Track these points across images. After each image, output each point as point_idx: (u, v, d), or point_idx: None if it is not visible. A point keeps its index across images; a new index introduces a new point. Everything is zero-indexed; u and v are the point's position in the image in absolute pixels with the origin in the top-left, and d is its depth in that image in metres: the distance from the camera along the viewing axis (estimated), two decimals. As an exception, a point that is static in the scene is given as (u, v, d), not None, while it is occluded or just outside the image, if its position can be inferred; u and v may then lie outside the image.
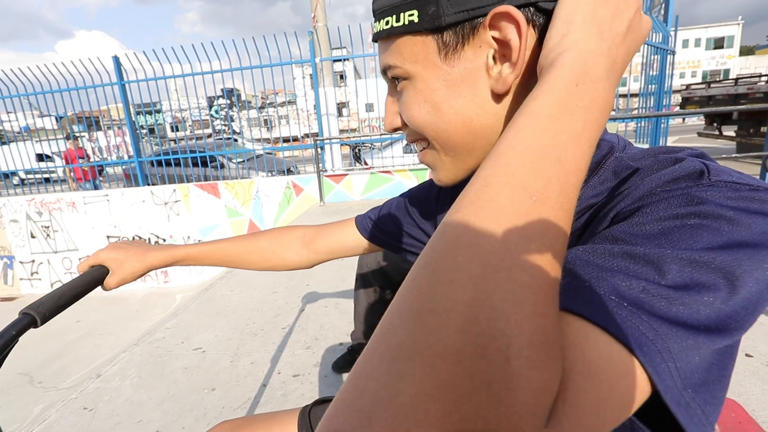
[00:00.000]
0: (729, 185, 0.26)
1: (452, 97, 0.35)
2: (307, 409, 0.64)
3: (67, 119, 6.82)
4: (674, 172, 0.28)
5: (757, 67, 30.48)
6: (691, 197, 0.26)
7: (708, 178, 0.27)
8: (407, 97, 0.38)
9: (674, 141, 11.66)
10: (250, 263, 0.68)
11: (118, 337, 4.17)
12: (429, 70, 0.36)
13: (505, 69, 0.34)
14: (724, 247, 0.24)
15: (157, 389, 1.70)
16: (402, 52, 0.36)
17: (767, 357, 1.29)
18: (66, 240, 5.89)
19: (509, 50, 0.32)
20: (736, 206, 0.25)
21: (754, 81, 7.17)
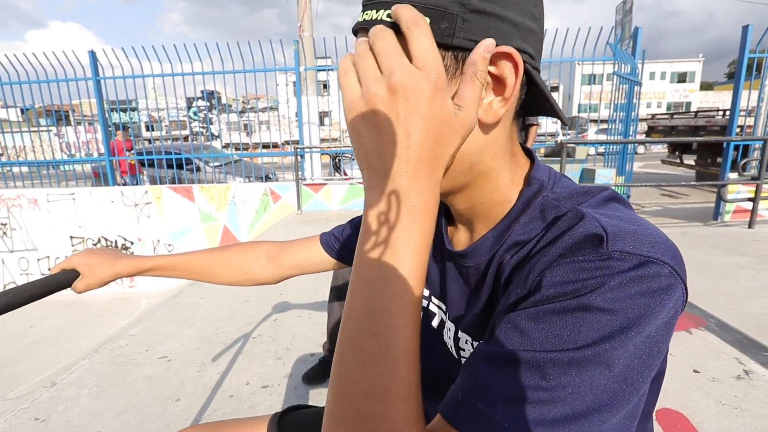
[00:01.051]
0: (623, 257, 0.29)
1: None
2: (277, 416, 0.64)
3: (34, 111, 6.52)
4: (574, 239, 0.31)
5: (715, 102, 32.70)
6: (583, 286, 0.28)
7: (606, 247, 0.29)
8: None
9: (640, 166, 12.28)
10: (216, 276, 0.69)
11: (76, 344, 3.95)
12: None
13: (496, 102, 0.35)
14: (603, 339, 0.27)
15: (117, 399, 1.63)
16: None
17: (712, 373, 1.38)
18: (24, 239, 5.57)
19: (502, 86, 0.34)
20: (620, 296, 0.28)
21: (712, 115, 7.69)
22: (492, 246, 0.40)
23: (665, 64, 37.69)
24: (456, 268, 0.46)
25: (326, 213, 5.08)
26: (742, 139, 4.35)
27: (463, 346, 0.46)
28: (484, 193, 0.40)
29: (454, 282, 0.46)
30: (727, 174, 4.64)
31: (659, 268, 0.28)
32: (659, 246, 0.30)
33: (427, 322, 0.51)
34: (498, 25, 0.33)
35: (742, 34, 4.39)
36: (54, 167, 6.30)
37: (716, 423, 1.14)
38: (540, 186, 0.40)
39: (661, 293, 0.28)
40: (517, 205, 0.40)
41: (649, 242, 0.30)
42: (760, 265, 2.89)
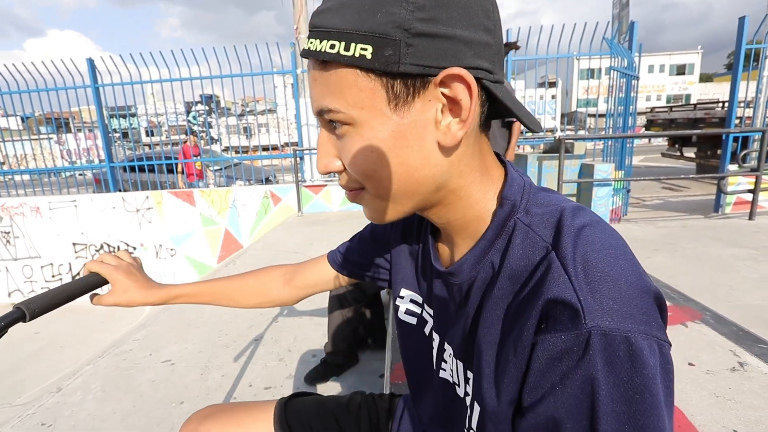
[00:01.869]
0: (603, 337, 0.28)
1: (399, 147, 0.35)
2: (283, 401, 0.68)
3: (35, 120, 6.55)
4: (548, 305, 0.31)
5: (715, 93, 32.58)
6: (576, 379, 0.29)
7: (585, 323, 0.29)
8: (351, 143, 0.36)
9: (640, 160, 12.26)
10: (238, 301, 0.71)
11: (81, 349, 3.99)
12: (377, 119, 0.34)
13: (454, 124, 0.35)
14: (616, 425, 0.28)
15: (122, 403, 1.66)
16: (345, 96, 0.34)
17: (707, 365, 1.39)
18: (28, 247, 5.61)
19: (458, 107, 0.34)
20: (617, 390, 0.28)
21: (712, 107, 7.67)
22: (472, 268, 0.41)
23: (664, 56, 37.54)
24: (443, 283, 0.47)
25: (326, 214, 5.10)
26: (740, 131, 4.34)
27: (446, 358, 0.48)
28: (457, 209, 0.40)
29: (441, 296, 0.48)
30: (727, 166, 4.63)
31: (643, 342, 0.28)
32: (637, 306, 0.29)
33: (422, 329, 0.53)
34: (446, 46, 0.32)
35: (738, 26, 4.38)
36: (55, 175, 6.34)
37: (710, 415, 1.15)
38: (512, 207, 0.39)
39: (652, 370, 0.28)
40: (491, 227, 0.39)
41: (628, 303, 0.29)
42: (760, 256, 2.89)
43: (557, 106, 20.06)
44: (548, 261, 0.33)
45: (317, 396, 0.72)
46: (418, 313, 0.54)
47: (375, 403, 0.69)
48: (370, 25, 0.32)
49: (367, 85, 0.33)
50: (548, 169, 4.46)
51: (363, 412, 0.67)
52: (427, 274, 0.51)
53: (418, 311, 0.54)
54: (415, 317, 0.54)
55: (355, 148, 0.36)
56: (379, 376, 1.72)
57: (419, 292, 0.53)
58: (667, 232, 3.69)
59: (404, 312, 0.55)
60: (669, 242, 3.34)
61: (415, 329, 0.54)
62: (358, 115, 0.34)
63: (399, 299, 0.56)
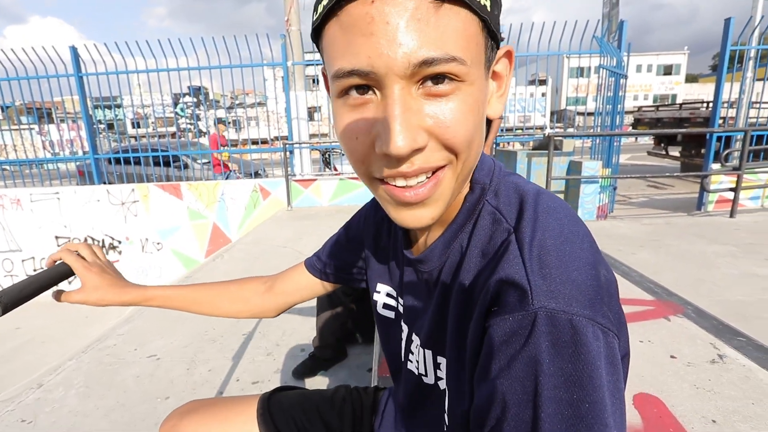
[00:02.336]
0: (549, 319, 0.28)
1: (482, 115, 0.34)
2: (266, 396, 0.68)
3: (15, 109, 6.35)
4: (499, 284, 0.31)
5: (700, 94, 33.20)
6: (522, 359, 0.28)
7: (531, 303, 0.28)
8: (462, 105, 0.30)
9: (627, 158, 12.46)
10: (217, 308, 0.68)
11: (64, 344, 3.91)
12: (482, 80, 0.32)
13: (495, 97, 0.36)
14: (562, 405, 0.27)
15: (105, 398, 1.63)
16: (470, 46, 0.29)
17: (688, 358, 1.43)
18: (8, 240, 5.46)
19: (500, 81, 0.35)
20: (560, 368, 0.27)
21: (697, 107, 7.82)
22: (441, 254, 0.41)
23: (651, 56, 38.09)
24: (414, 272, 0.46)
25: (316, 209, 5.07)
26: (723, 131, 4.44)
27: (413, 349, 0.47)
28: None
29: (411, 286, 0.47)
30: (710, 165, 4.74)
31: (587, 327, 0.27)
32: (586, 293, 0.29)
33: (399, 323, 0.53)
34: (498, 19, 0.33)
35: (724, 28, 4.46)
36: (37, 166, 6.17)
37: (690, 405, 1.18)
38: (481, 190, 0.39)
39: (595, 356, 0.27)
40: (461, 211, 0.39)
41: (577, 287, 0.29)
42: (740, 253, 2.97)
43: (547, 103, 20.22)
44: (507, 242, 0.33)
45: (301, 390, 0.71)
46: (394, 306, 0.53)
47: (360, 396, 0.69)
48: None
49: (481, 40, 0.30)
50: (537, 165, 4.50)
51: (347, 406, 0.67)
52: (399, 266, 0.51)
53: (394, 305, 0.53)
54: (393, 311, 0.54)
55: (467, 110, 0.30)
56: (367, 370, 1.72)
57: (393, 286, 0.53)
58: (652, 229, 3.76)
59: (382, 306, 0.55)
60: (653, 239, 3.41)
61: (393, 323, 0.54)
62: (474, 71, 0.30)
63: (376, 294, 0.56)
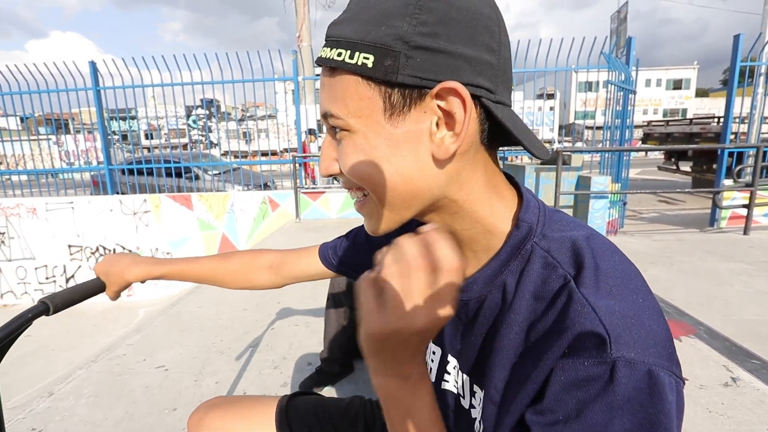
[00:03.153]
0: (628, 365, 0.29)
1: (393, 156, 0.36)
2: (285, 398, 0.71)
3: (34, 120, 6.55)
4: (574, 334, 0.31)
5: (710, 108, 32.99)
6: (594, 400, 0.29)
7: (610, 352, 0.29)
8: (346, 148, 0.37)
9: (637, 173, 12.35)
10: (223, 282, 0.74)
11: (72, 354, 3.94)
12: (372, 127, 0.36)
13: (448, 137, 0.35)
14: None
15: (114, 409, 1.64)
16: (347, 102, 0.35)
17: (701, 380, 1.40)
18: (23, 248, 5.57)
19: (453, 121, 0.34)
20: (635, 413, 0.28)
21: (708, 122, 7.77)
22: (483, 287, 0.41)
23: (661, 71, 38.05)
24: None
25: (324, 221, 5.10)
26: (735, 146, 4.40)
27: (449, 370, 0.47)
28: (464, 220, 0.40)
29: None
30: (722, 180, 4.68)
31: (665, 377, 0.29)
32: (661, 343, 0.30)
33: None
34: (445, 60, 0.33)
35: (733, 44, 4.46)
36: (53, 176, 6.33)
37: (702, 429, 1.15)
38: (529, 230, 0.39)
39: (670, 405, 0.28)
40: (505, 248, 0.40)
41: (653, 337, 0.30)
42: (754, 271, 2.92)
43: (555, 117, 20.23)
44: (569, 290, 0.33)
45: (319, 397, 0.74)
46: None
47: (372, 409, 0.70)
48: (373, 36, 0.34)
49: (366, 94, 0.35)
50: (546, 180, 4.50)
51: (360, 417, 0.68)
52: None
53: None
54: None
55: (350, 154, 0.37)
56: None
57: None
58: (663, 245, 3.71)
59: None
60: (665, 255, 3.36)
61: None
62: (355, 122, 0.36)
63: None
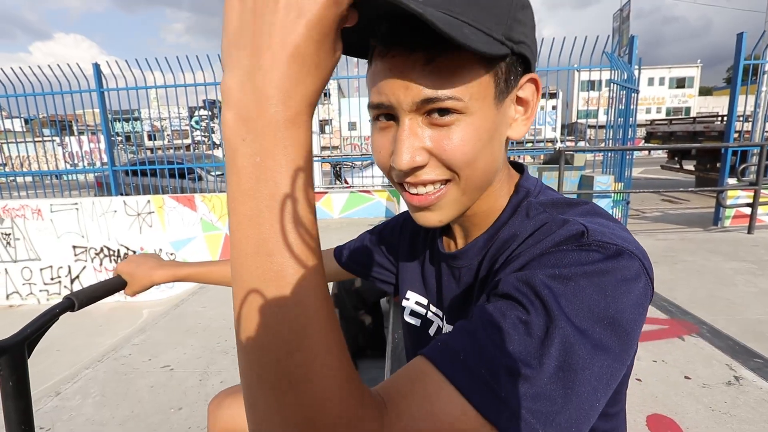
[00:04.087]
0: (600, 245, 0.33)
1: (494, 140, 0.39)
2: None
3: (38, 122, 6.60)
4: (560, 237, 0.36)
5: (714, 107, 32.80)
6: (569, 270, 0.32)
7: (587, 238, 0.34)
8: (461, 132, 0.36)
9: (640, 172, 12.30)
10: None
11: (78, 353, 3.96)
12: (486, 111, 0.37)
13: (521, 121, 0.41)
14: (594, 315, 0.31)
15: (120, 408, 1.66)
16: (467, 85, 0.35)
17: (704, 379, 1.40)
18: (28, 249, 5.61)
19: (526, 106, 0.40)
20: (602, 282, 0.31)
21: (711, 120, 7.73)
22: (482, 248, 0.45)
23: (664, 70, 37.87)
24: (450, 270, 0.49)
25: (327, 221, 5.11)
26: (739, 145, 4.38)
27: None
28: (486, 202, 0.44)
29: (449, 284, 0.50)
30: (726, 179, 4.66)
31: (630, 260, 0.32)
32: (632, 243, 0.35)
33: (426, 331, 0.55)
34: (529, 52, 0.38)
35: (737, 42, 4.44)
36: (57, 177, 6.37)
37: (705, 428, 1.15)
38: (526, 193, 0.44)
39: (630, 281, 0.32)
40: (506, 210, 0.44)
41: (622, 238, 0.34)
42: (758, 270, 2.91)
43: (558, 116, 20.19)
44: (564, 222, 0.37)
45: None
46: (423, 314, 0.56)
47: None
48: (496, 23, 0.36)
49: (484, 79, 0.36)
50: (548, 180, 4.49)
51: None
52: (434, 270, 0.53)
53: (422, 312, 0.56)
54: (419, 319, 0.56)
55: (466, 137, 0.37)
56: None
57: (425, 294, 0.56)
58: (666, 244, 3.70)
59: (409, 313, 0.58)
60: (668, 255, 3.35)
61: (418, 330, 0.56)
62: (476, 106, 0.36)
63: (405, 300, 0.59)
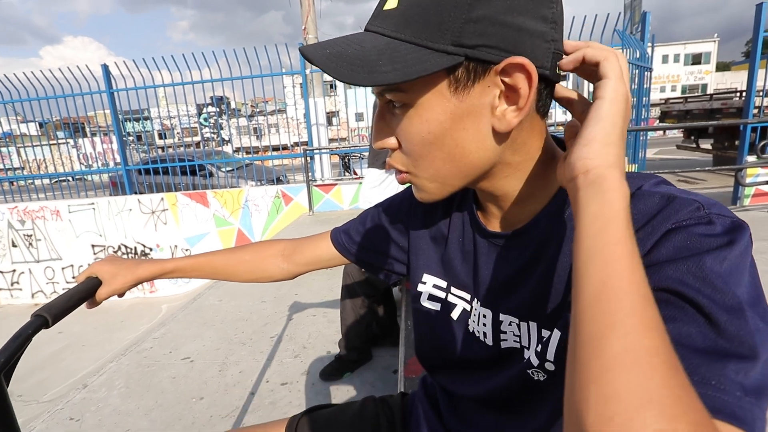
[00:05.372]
0: (719, 219, 0.32)
1: (455, 130, 0.36)
2: (295, 420, 0.66)
3: (53, 125, 6.74)
4: (673, 211, 0.33)
5: (732, 83, 31.69)
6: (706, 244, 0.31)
7: (705, 210, 0.33)
8: (409, 123, 0.37)
9: (655, 152, 12.02)
10: (235, 275, 0.70)
11: (101, 348, 4.10)
12: (436, 101, 0.36)
13: (510, 111, 0.36)
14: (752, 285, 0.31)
15: (144, 399, 1.71)
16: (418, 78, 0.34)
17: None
18: (49, 249, 5.78)
19: (516, 95, 0.35)
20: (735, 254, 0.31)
21: (729, 96, 7.47)
22: (547, 226, 0.41)
23: (679, 46, 36.62)
24: (496, 250, 0.46)
25: (337, 213, 5.13)
26: (759, 121, 4.24)
27: (505, 329, 0.46)
28: (518, 180, 0.41)
29: (491, 265, 0.47)
30: (745, 157, 4.52)
31: (743, 226, 0.32)
32: (725, 207, 0.34)
33: (447, 315, 0.52)
34: (510, 34, 0.33)
35: (756, 13, 4.26)
36: (73, 178, 6.51)
37: None
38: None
39: (750, 247, 0.32)
40: (562, 189, 0.41)
41: (720, 206, 0.34)
42: (779, 249, 2.83)
43: (568, 99, 19.75)
44: (663, 198, 0.35)
45: (327, 409, 0.70)
46: (443, 297, 0.52)
47: (388, 404, 0.67)
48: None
49: (439, 71, 0.34)
50: (560, 163, 4.42)
51: (381, 416, 0.65)
52: (463, 247, 0.50)
53: (442, 296, 0.52)
54: (439, 302, 0.52)
55: (414, 128, 0.37)
56: (392, 372, 1.75)
57: (443, 276, 0.52)
58: (682, 225, 3.62)
59: (426, 298, 0.53)
60: (685, 236, 3.28)
61: (438, 315, 0.52)
62: (421, 97, 0.36)
63: (421, 285, 0.54)
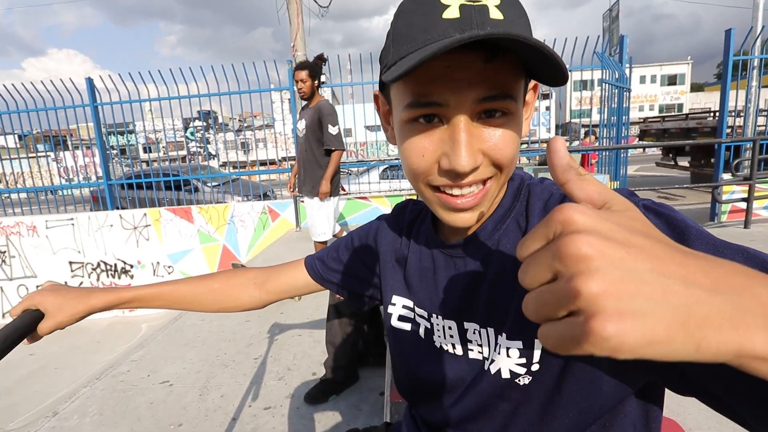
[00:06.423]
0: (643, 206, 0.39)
1: (519, 138, 0.41)
2: None
3: (32, 137, 6.58)
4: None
5: (706, 103, 33.09)
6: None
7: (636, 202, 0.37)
8: (510, 132, 0.38)
9: (635, 170, 12.37)
10: (202, 305, 0.66)
11: (77, 371, 3.92)
12: (520, 111, 0.40)
13: (525, 122, 0.43)
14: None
15: (119, 427, 1.63)
16: (516, 86, 0.37)
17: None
18: (24, 266, 5.57)
19: (527, 107, 0.42)
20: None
21: (704, 116, 7.79)
22: (491, 233, 0.45)
23: (655, 67, 38.24)
24: (451, 262, 0.48)
25: (325, 228, 5.09)
26: (732, 140, 4.41)
27: (470, 337, 0.46)
28: (501, 192, 0.47)
29: (449, 278, 0.48)
30: (721, 175, 4.69)
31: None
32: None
33: (417, 334, 0.53)
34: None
35: (725, 38, 4.49)
36: (52, 193, 6.34)
37: (707, 429, 1.15)
38: (521, 179, 0.47)
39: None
40: (506, 197, 0.46)
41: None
42: (756, 265, 2.91)
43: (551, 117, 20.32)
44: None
45: None
46: (411, 317, 0.54)
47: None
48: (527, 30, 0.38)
49: (522, 79, 0.37)
50: (544, 180, 4.50)
51: None
52: (425, 263, 0.52)
53: (410, 316, 0.54)
54: (409, 322, 0.54)
55: (513, 136, 0.39)
56: (379, 394, 1.71)
57: (409, 297, 0.54)
58: (664, 241, 3.70)
59: (397, 318, 0.55)
60: (666, 252, 3.35)
61: (409, 335, 0.54)
62: (519, 106, 0.39)
63: (391, 306, 0.56)
